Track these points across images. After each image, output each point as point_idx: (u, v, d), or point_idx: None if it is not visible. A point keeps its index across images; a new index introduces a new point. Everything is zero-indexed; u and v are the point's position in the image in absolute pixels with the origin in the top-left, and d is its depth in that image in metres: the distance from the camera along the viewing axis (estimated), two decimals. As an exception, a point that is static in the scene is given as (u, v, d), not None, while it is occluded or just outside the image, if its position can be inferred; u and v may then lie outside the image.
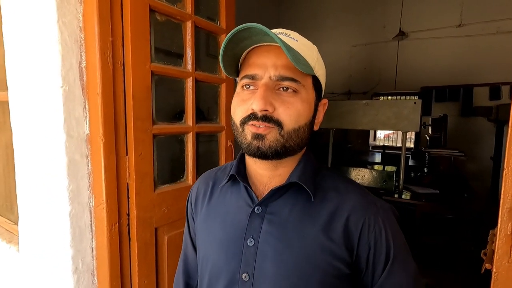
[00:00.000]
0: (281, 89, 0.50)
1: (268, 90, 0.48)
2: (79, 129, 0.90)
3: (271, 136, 0.49)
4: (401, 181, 2.55)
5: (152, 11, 0.96)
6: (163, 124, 1.05)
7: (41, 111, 0.93)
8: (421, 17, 3.97)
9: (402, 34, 3.98)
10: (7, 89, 1.06)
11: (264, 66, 0.49)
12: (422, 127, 3.40)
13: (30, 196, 1.04)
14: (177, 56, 1.13)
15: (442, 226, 2.45)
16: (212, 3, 1.23)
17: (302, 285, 0.50)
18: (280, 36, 0.50)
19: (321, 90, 0.56)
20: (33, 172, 1.00)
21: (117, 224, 0.94)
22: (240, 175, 0.57)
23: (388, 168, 2.87)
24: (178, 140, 1.16)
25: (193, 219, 0.67)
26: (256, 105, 0.48)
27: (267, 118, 0.48)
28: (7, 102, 1.09)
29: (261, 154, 0.50)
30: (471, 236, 2.22)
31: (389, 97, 4.54)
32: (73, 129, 0.89)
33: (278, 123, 0.49)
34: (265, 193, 0.55)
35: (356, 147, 4.55)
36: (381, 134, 5.50)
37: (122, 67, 0.92)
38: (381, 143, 5.33)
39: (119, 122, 0.92)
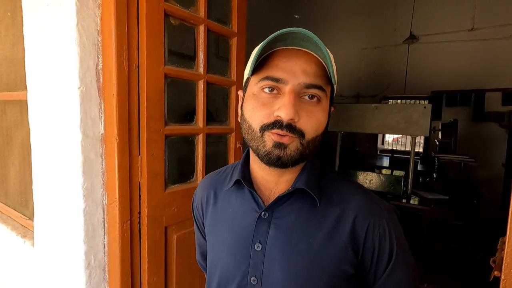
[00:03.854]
0: (306, 97, 0.48)
1: (296, 98, 0.47)
2: (95, 129, 0.93)
3: (293, 145, 0.48)
4: (409, 186, 2.52)
5: (166, 15, 0.99)
6: (174, 125, 1.08)
7: (58, 110, 0.96)
8: (432, 20, 3.93)
9: (412, 38, 3.94)
10: (25, 88, 1.10)
11: (291, 71, 0.47)
12: (432, 132, 3.36)
13: (45, 193, 1.07)
14: (189, 59, 1.15)
15: (451, 233, 2.41)
16: (224, 7, 1.25)
17: (309, 287, 0.51)
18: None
19: (333, 98, 0.57)
20: (49, 169, 1.04)
21: (129, 221, 0.96)
22: (246, 181, 0.56)
23: (396, 173, 2.83)
24: (188, 141, 1.18)
25: (202, 223, 0.68)
26: (285, 114, 0.46)
27: (292, 128, 0.47)
28: (25, 102, 1.13)
29: (282, 164, 0.49)
30: (480, 244, 2.18)
31: (399, 101, 4.50)
32: (89, 129, 0.92)
33: (300, 133, 0.48)
34: (271, 198, 0.55)
35: (364, 150, 4.51)
36: (389, 138, 5.45)
37: (137, 69, 0.94)
38: (390, 147, 5.27)
39: (132, 122, 0.95)
